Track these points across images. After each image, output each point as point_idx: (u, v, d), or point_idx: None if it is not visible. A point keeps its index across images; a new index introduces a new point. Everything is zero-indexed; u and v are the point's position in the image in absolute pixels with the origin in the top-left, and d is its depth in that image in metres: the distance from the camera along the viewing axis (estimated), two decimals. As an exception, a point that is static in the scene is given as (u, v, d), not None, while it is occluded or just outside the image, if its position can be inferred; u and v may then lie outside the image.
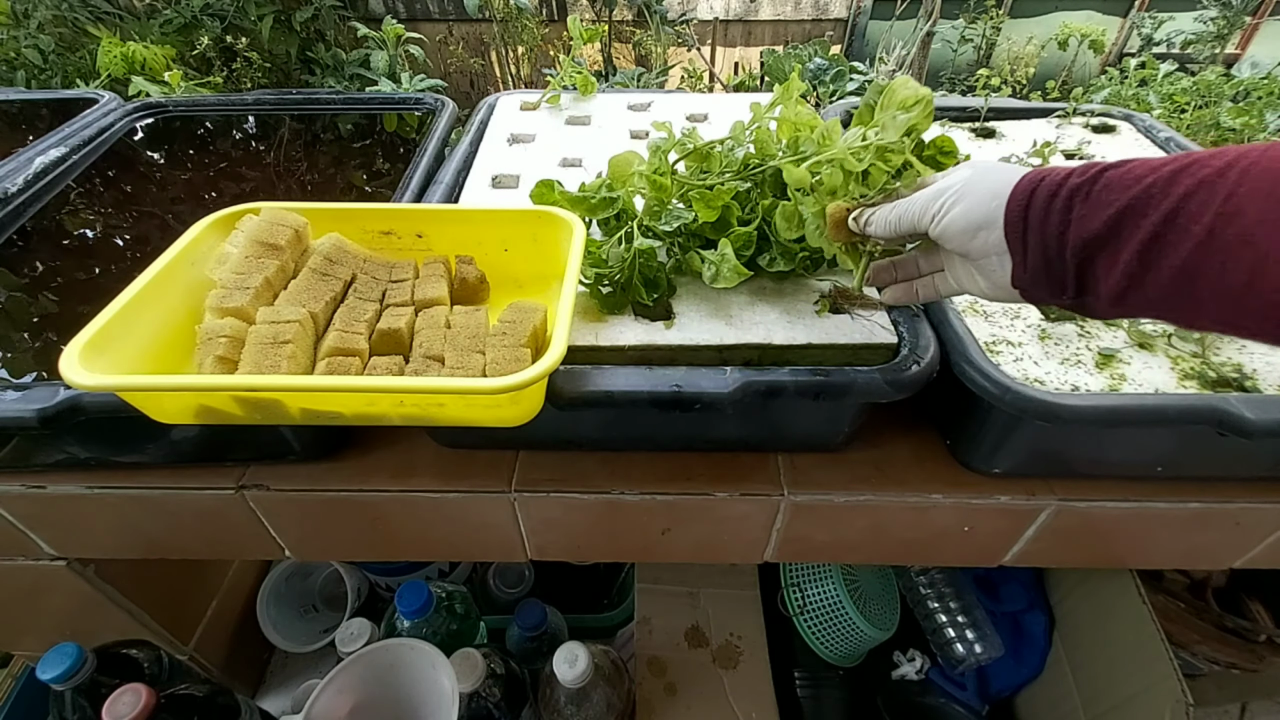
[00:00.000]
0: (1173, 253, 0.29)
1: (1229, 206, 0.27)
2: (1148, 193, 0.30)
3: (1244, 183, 0.27)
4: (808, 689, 0.99)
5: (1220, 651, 0.92)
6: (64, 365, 0.39)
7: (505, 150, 0.79)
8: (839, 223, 0.46)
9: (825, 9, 3.29)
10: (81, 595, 0.71)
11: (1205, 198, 0.28)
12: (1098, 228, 0.31)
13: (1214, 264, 0.28)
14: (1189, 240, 0.28)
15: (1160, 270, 0.29)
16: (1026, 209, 0.35)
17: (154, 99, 0.97)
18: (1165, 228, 0.29)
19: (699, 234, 0.57)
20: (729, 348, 0.51)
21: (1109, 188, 0.32)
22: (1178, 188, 0.29)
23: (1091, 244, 0.32)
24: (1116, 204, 0.31)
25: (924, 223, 0.40)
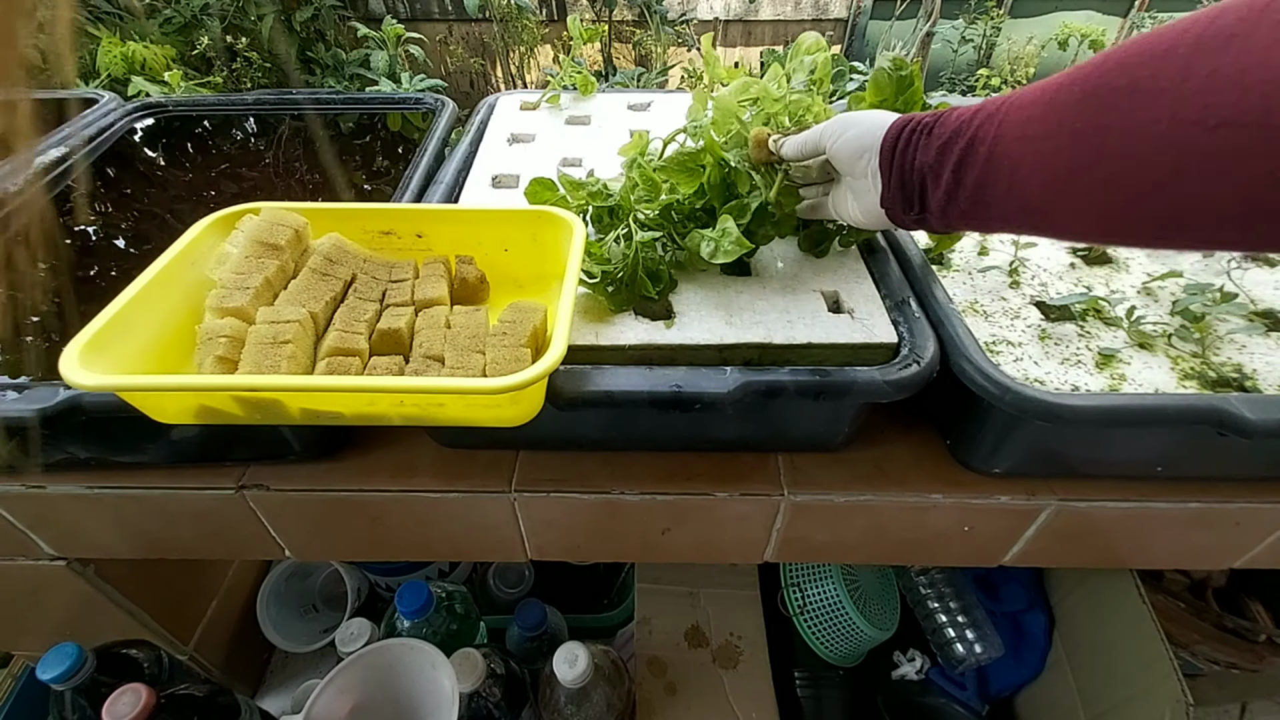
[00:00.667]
0: (970, 170, 0.37)
1: (1001, 130, 0.35)
2: (959, 128, 0.39)
3: (1009, 114, 0.35)
4: (808, 689, 0.99)
5: (1220, 651, 0.92)
6: (64, 365, 0.39)
7: (505, 150, 0.79)
8: (760, 143, 0.54)
9: (825, 9, 3.29)
10: (81, 595, 0.71)
11: (988, 128, 0.37)
12: (931, 156, 0.41)
13: (991, 177, 0.36)
14: (979, 159, 0.37)
15: (965, 184, 0.38)
16: (895, 140, 0.44)
17: (154, 99, 0.97)
18: (966, 152, 0.38)
19: (695, 216, 0.57)
20: (729, 347, 0.51)
21: (942, 123, 0.41)
22: (975, 122, 0.38)
23: (926, 168, 0.41)
24: (942, 137, 0.40)
25: (823, 143, 0.49)
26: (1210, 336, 0.55)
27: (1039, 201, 0.34)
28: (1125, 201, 0.29)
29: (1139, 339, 0.55)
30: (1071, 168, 0.31)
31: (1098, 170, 0.29)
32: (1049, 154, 0.32)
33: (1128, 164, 0.28)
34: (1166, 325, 0.57)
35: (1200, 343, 0.55)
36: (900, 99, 0.55)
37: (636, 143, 0.61)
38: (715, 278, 0.58)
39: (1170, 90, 0.26)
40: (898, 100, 0.56)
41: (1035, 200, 0.34)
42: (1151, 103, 0.27)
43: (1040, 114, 0.33)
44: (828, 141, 0.49)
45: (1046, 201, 0.33)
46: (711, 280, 0.58)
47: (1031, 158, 0.33)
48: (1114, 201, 0.30)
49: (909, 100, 0.56)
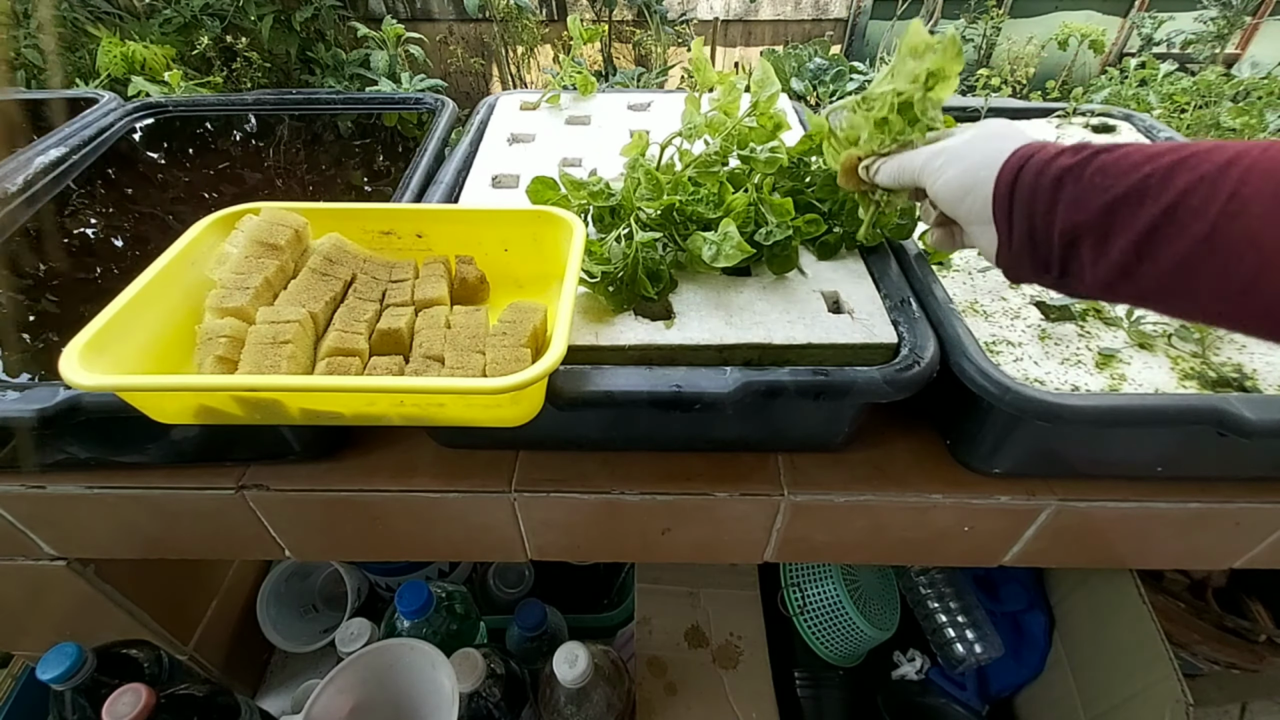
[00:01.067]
0: (1170, 247, 0.28)
1: (1233, 205, 0.26)
2: (1145, 183, 0.29)
3: (1248, 181, 0.26)
4: (808, 689, 0.99)
5: (1220, 651, 0.92)
6: (64, 365, 0.39)
7: (505, 150, 0.79)
8: (849, 170, 0.48)
9: (825, 9, 3.29)
10: (81, 595, 0.71)
11: (1207, 194, 0.27)
12: (1090, 214, 0.31)
13: (1216, 262, 0.27)
14: (1188, 236, 0.28)
15: (1157, 263, 0.29)
16: (1013, 184, 0.35)
17: (154, 99, 0.97)
18: (1164, 220, 0.28)
19: (697, 219, 0.57)
20: (729, 347, 0.51)
21: (1103, 172, 0.31)
22: (1177, 180, 0.28)
23: (1081, 228, 0.31)
24: (1112, 190, 0.30)
25: (923, 179, 0.40)
26: (1210, 336, 0.55)
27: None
28: None
29: (1139, 339, 0.55)
30: None
31: None
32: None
33: None
34: (1166, 325, 0.57)
35: (1200, 343, 0.55)
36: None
37: (637, 143, 0.61)
38: (715, 278, 0.58)
39: None
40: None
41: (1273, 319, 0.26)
42: None
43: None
44: (928, 180, 0.40)
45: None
46: (711, 280, 0.58)
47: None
48: None
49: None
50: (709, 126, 0.61)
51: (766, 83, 0.57)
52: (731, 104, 0.60)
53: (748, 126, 0.60)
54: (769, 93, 0.58)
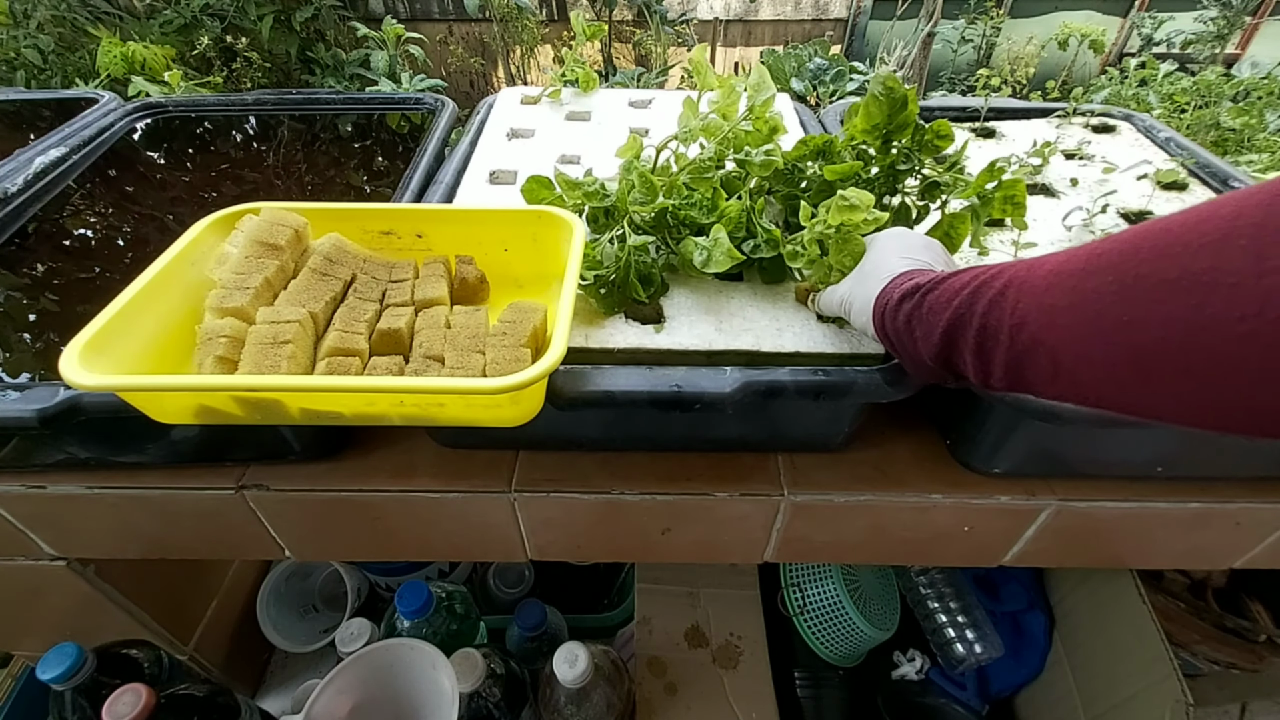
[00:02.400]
0: (995, 355, 0.35)
1: (1015, 319, 0.33)
2: (957, 312, 0.37)
3: (1020, 299, 0.33)
4: (808, 689, 0.99)
5: (1220, 651, 0.92)
6: (64, 365, 0.39)
7: (504, 145, 0.79)
8: (800, 297, 0.56)
9: (825, 9, 3.29)
10: (81, 595, 0.71)
11: (998, 314, 0.34)
12: (937, 341, 0.38)
13: (1026, 361, 0.33)
14: (1000, 346, 0.34)
15: (995, 365, 0.35)
16: (884, 330, 0.43)
17: (154, 99, 0.97)
18: (981, 338, 0.35)
19: (690, 223, 0.57)
20: (717, 354, 0.51)
21: (931, 310, 0.39)
22: (978, 306, 0.35)
23: (940, 355, 0.39)
24: (941, 324, 0.38)
25: (845, 315, 0.49)
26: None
27: (1095, 396, 0.32)
28: (1207, 399, 0.27)
29: (1139, 339, 0.55)
30: (1128, 363, 0.29)
31: (1164, 364, 0.27)
32: (1098, 353, 0.30)
33: (1200, 360, 0.26)
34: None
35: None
36: (894, 121, 0.55)
37: (632, 145, 0.61)
38: (707, 282, 0.58)
39: (1247, 285, 0.24)
40: (891, 123, 0.55)
41: (1090, 394, 0.32)
42: (1229, 297, 0.25)
43: (1067, 303, 0.30)
44: (848, 316, 0.49)
45: (1104, 397, 0.31)
46: (703, 285, 0.58)
47: (1073, 352, 0.31)
48: (1189, 397, 0.28)
49: (902, 122, 0.55)
50: (705, 130, 0.61)
51: (763, 86, 0.57)
52: (730, 107, 0.60)
53: (744, 130, 0.60)
54: (765, 96, 0.58)
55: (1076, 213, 0.68)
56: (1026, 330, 0.33)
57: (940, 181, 0.56)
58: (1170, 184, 0.73)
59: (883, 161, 0.57)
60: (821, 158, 0.59)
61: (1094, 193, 0.72)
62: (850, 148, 0.59)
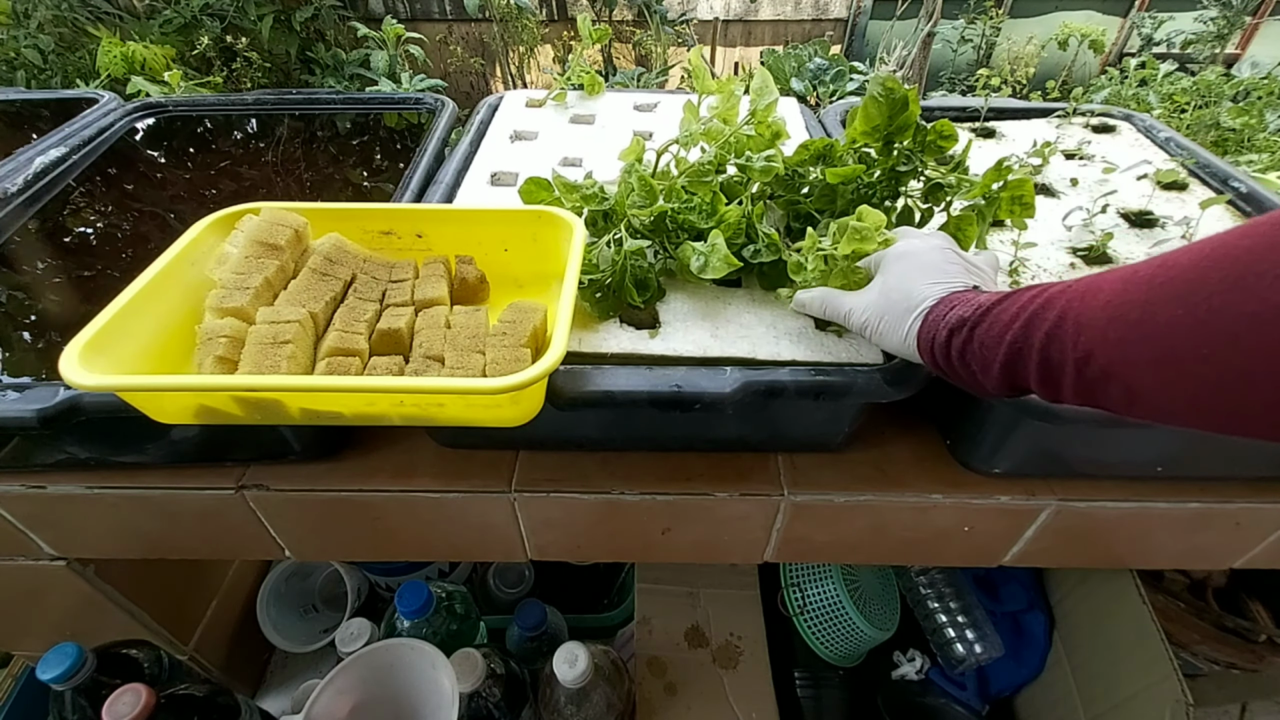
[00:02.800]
0: (1063, 384, 0.34)
1: (1079, 352, 0.32)
2: (1014, 348, 0.36)
3: (1081, 332, 0.32)
4: (808, 689, 0.99)
5: (1220, 651, 0.92)
6: (64, 365, 0.39)
7: (507, 147, 0.79)
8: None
9: (825, 9, 3.29)
10: (81, 595, 0.71)
11: (1059, 347, 0.34)
12: (998, 374, 0.37)
13: (1098, 389, 0.33)
14: (1067, 377, 0.34)
15: (1064, 392, 0.35)
16: (938, 365, 0.42)
17: (154, 99, 0.97)
18: (1044, 369, 0.35)
19: (688, 228, 0.57)
20: (712, 361, 0.51)
21: (984, 345, 0.38)
22: (1034, 339, 0.35)
23: (1004, 383, 0.38)
24: (998, 358, 0.37)
25: (852, 328, 0.48)
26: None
27: (1181, 419, 0.31)
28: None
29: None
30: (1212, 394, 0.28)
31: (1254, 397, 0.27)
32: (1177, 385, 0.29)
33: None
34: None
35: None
36: (895, 123, 0.55)
37: (634, 148, 0.61)
38: (705, 287, 0.58)
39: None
40: (891, 125, 0.55)
41: (1177, 418, 0.31)
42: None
43: (1137, 337, 0.30)
44: (868, 338, 0.47)
45: (1190, 421, 0.31)
46: (700, 290, 0.58)
47: (1149, 383, 0.30)
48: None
49: (904, 123, 0.55)
50: (706, 134, 0.60)
51: (765, 91, 0.57)
52: (730, 111, 0.59)
53: (746, 135, 0.59)
54: (767, 101, 0.57)
55: (1076, 213, 0.68)
56: (1095, 364, 0.32)
57: (944, 183, 0.56)
58: (1170, 184, 0.73)
59: (884, 164, 0.57)
60: (823, 162, 0.59)
61: (1094, 193, 0.72)
62: (852, 151, 0.58)
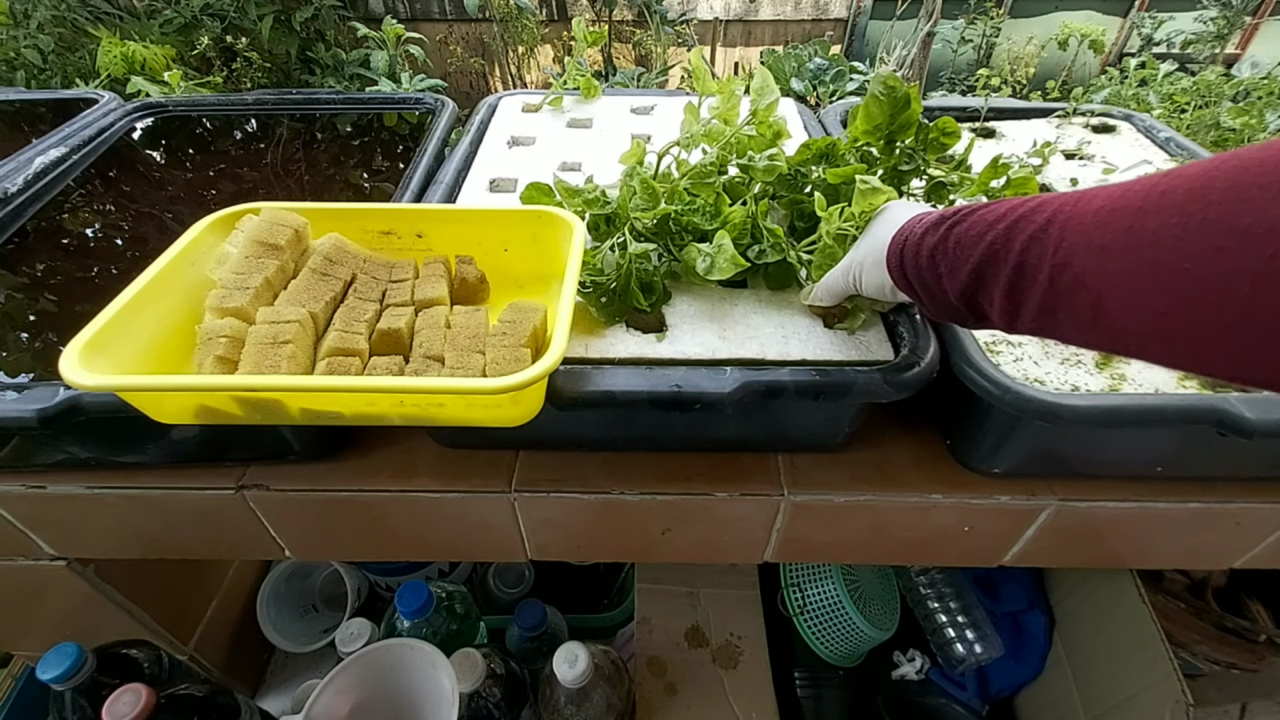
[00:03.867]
0: (1029, 296, 0.33)
1: (1058, 258, 0.31)
2: (991, 249, 0.35)
3: (1065, 237, 0.31)
4: (808, 689, 0.99)
5: (1220, 651, 0.92)
6: (64, 365, 0.39)
7: (505, 153, 0.78)
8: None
9: (825, 9, 3.29)
10: (81, 595, 0.71)
11: (1039, 251, 0.32)
12: (964, 279, 0.36)
13: (1063, 303, 0.32)
14: (1038, 287, 0.33)
15: (1027, 307, 0.34)
16: (903, 270, 0.41)
17: (154, 99, 0.97)
18: (1016, 277, 0.34)
19: (692, 229, 0.57)
20: (721, 363, 0.51)
21: (960, 244, 0.37)
22: (1015, 243, 0.34)
23: (966, 292, 0.37)
24: (970, 260, 0.36)
25: (852, 289, 0.49)
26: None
27: (1136, 345, 0.30)
28: (1266, 355, 0.26)
29: (1139, 339, 0.55)
30: (1181, 315, 0.27)
31: (1222, 317, 0.25)
32: (1148, 302, 0.28)
33: (1266, 316, 0.24)
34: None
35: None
36: (896, 121, 0.55)
37: (635, 150, 0.61)
38: (710, 289, 0.58)
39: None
40: (893, 123, 0.55)
41: (1132, 343, 0.30)
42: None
43: (1121, 245, 0.28)
44: (856, 288, 0.48)
45: (1146, 347, 0.30)
46: (706, 292, 0.58)
47: (1120, 298, 0.29)
48: (1245, 349, 0.26)
49: (905, 121, 0.55)
50: (707, 135, 0.60)
51: (766, 90, 0.57)
52: (730, 111, 0.59)
53: (747, 135, 0.59)
54: (768, 101, 0.57)
55: (1076, 213, 0.68)
56: (1070, 271, 0.31)
57: (946, 182, 0.56)
58: (1170, 184, 0.73)
59: (886, 163, 0.57)
60: (825, 161, 0.59)
61: (1094, 193, 0.72)
62: (854, 150, 0.58)
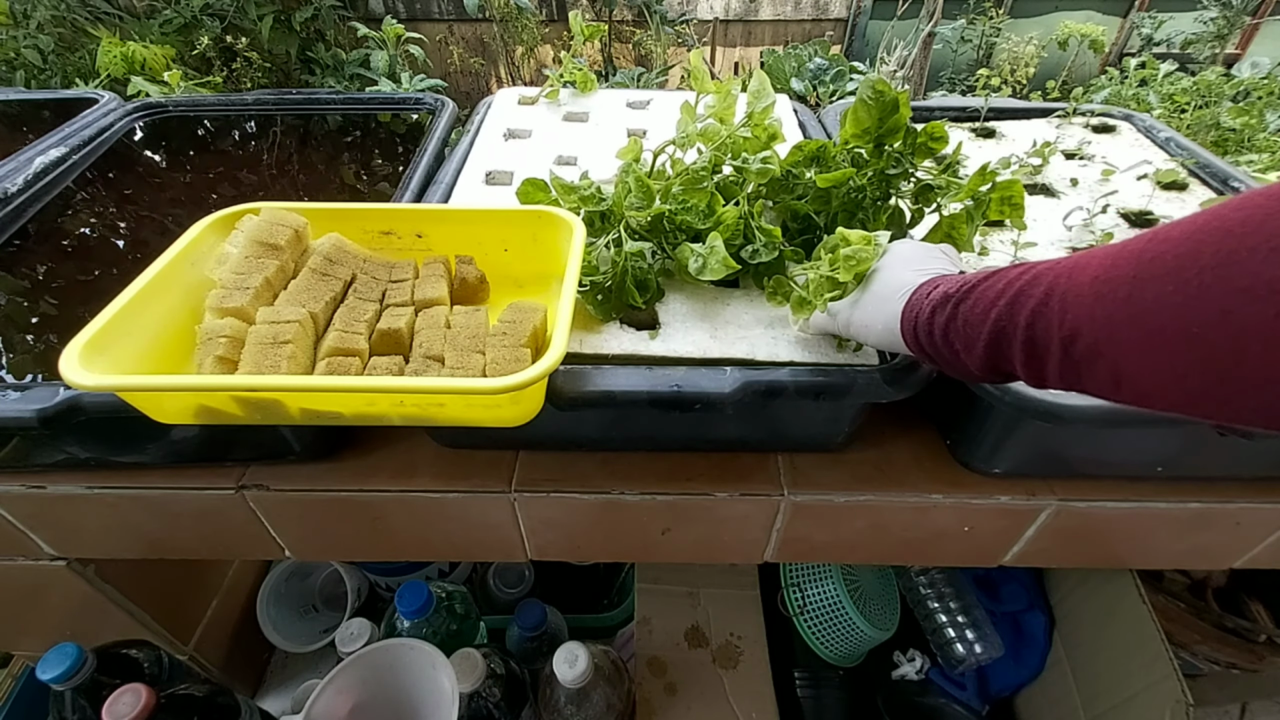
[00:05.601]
0: (1046, 365, 0.33)
1: (1065, 330, 0.31)
2: (998, 325, 0.35)
3: (1067, 310, 0.31)
4: (808, 689, 0.99)
5: (1220, 651, 0.92)
6: (64, 365, 0.39)
7: (501, 145, 0.78)
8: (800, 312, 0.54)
9: (825, 9, 3.28)
10: (81, 595, 0.71)
11: (1044, 326, 0.32)
12: (981, 353, 0.36)
13: (1084, 371, 0.32)
14: (1051, 357, 0.33)
15: (1048, 373, 0.34)
16: (921, 348, 0.41)
17: (154, 99, 0.97)
18: (1029, 349, 0.34)
19: (686, 229, 0.57)
20: (711, 362, 0.51)
21: (968, 323, 0.37)
22: (1019, 318, 0.34)
23: (987, 363, 0.37)
24: (982, 337, 0.36)
25: (850, 335, 0.48)
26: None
27: (1165, 404, 0.30)
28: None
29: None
30: (1200, 374, 0.27)
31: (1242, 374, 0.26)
32: (1164, 366, 0.28)
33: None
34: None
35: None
36: (885, 125, 0.55)
37: (632, 148, 0.61)
38: (703, 288, 0.58)
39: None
40: (882, 127, 0.55)
41: (1160, 403, 0.30)
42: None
43: (1125, 316, 0.29)
44: (857, 338, 0.48)
45: (1175, 405, 0.30)
46: (699, 291, 0.58)
47: (1136, 365, 0.29)
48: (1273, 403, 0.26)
49: (894, 125, 0.55)
50: (703, 136, 0.60)
51: (762, 94, 0.57)
52: (727, 111, 0.60)
53: (742, 137, 0.59)
54: (764, 104, 0.57)
55: (1077, 213, 0.68)
56: (1081, 342, 0.31)
57: (934, 185, 0.56)
58: (1170, 184, 0.73)
59: (875, 166, 0.57)
60: (816, 164, 0.59)
61: (1094, 193, 0.72)
62: (845, 152, 0.58)
